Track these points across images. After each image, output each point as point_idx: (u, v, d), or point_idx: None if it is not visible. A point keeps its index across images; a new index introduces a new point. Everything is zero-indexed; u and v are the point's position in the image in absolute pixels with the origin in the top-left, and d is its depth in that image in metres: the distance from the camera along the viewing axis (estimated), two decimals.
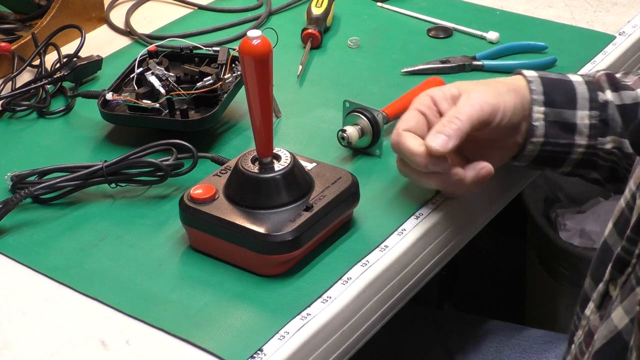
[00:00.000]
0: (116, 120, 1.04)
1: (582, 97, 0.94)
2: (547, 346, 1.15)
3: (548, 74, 0.96)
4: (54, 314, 0.84)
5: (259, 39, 0.82)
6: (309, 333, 0.80)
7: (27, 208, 0.96)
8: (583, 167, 0.96)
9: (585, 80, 0.95)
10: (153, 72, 1.05)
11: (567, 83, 0.95)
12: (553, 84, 0.94)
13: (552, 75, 0.96)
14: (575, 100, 0.94)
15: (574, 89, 0.94)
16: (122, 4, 1.36)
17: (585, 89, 0.94)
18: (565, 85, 0.95)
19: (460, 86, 0.94)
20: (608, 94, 0.95)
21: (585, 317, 0.82)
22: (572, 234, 1.70)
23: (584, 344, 0.81)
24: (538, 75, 0.95)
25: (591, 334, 0.80)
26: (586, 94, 0.94)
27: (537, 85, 0.94)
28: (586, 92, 0.94)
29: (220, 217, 0.86)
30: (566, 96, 0.94)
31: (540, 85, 0.94)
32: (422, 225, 0.92)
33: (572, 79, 0.96)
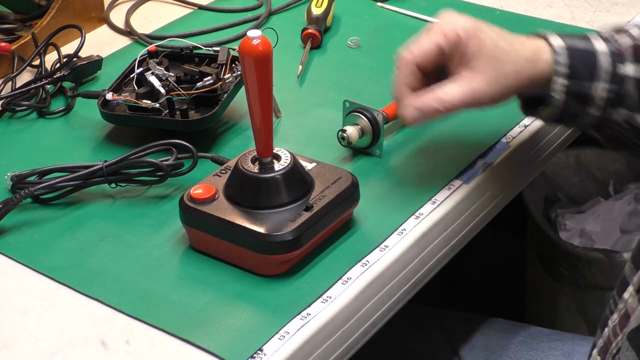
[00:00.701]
0: (116, 120, 1.04)
1: (604, 70, 0.91)
2: (555, 344, 1.15)
3: (574, 42, 0.92)
4: (54, 314, 0.84)
5: (259, 39, 0.82)
6: (309, 333, 0.80)
7: (27, 208, 0.96)
8: (587, 129, 0.95)
9: (610, 51, 0.91)
10: (153, 72, 1.06)
11: (591, 55, 0.91)
12: (579, 56, 0.91)
13: (578, 44, 0.91)
14: (596, 73, 0.91)
15: (598, 61, 0.91)
16: (122, 4, 1.36)
17: (608, 61, 0.91)
18: (590, 58, 0.91)
19: (476, 51, 0.89)
20: (629, 67, 0.91)
21: (623, 300, 0.82)
22: (572, 234, 1.70)
23: (619, 326, 0.81)
24: (565, 46, 0.91)
25: (628, 316, 0.80)
26: (609, 68, 0.91)
27: (564, 58, 0.90)
28: (609, 65, 0.91)
29: (220, 217, 0.86)
30: (589, 69, 0.90)
31: (567, 58, 0.90)
32: (422, 225, 0.92)
33: (597, 48, 0.91)
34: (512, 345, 1.15)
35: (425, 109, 0.90)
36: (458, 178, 0.98)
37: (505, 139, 1.03)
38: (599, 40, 0.92)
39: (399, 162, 1.00)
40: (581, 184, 1.81)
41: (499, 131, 1.04)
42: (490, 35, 0.90)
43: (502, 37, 0.91)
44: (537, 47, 0.91)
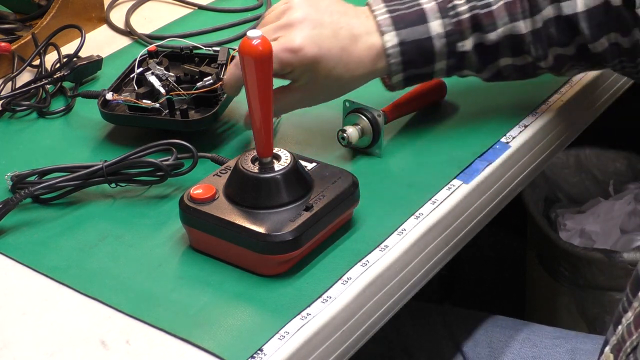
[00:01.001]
0: (116, 120, 1.04)
1: (439, 53, 0.97)
2: (558, 341, 1.14)
3: (409, 33, 0.96)
4: (54, 314, 0.84)
5: (259, 39, 0.82)
6: (309, 333, 0.80)
7: (27, 208, 0.96)
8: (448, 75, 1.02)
9: (446, 31, 0.97)
10: (153, 72, 1.05)
11: (426, 42, 0.97)
12: (413, 48, 0.96)
13: (412, 35, 0.96)
14: (433, 57, 0.98)
15: (432, 48, 0.97)
16: (122, 4, 1.36)
17: (443, 43, 0.97)
18: (424, 47, 0.97)
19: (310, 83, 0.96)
20: (468, 42, 0.98)
21: (638, 298, 0.82)
22: (572, 234, 1.70)
23: (634, 324, 0.81)
24: (399, 41, 0.96)
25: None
26: (444, 49, 0.97)
27: (395, 56, 0.96)
28: (444, 46, 0.97)
29: (220, 217, 0.86)
30: (425, 56, 0.97)
31: (399, 57, 0.96)
32: (422, 225, 0.92)
33: (433, 31, 0.97)
34: (515, 342, 1.15)
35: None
36: (458, 178, 0.98)
37: (505, 139, 1.03)
38: (436, 19, 0.97)
39: (399, 162, 1.00)
40: (581, 184, 1.81)
41: (499, 131, 1.04)
42: (327, 65, 0.95)
43: (340, 59, 0.95)
44: (375, 58, 0.96)
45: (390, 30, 0.96)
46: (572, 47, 0.99)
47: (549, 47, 0.98)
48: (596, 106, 1.17)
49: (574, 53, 0.99)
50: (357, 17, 0.97)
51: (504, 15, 0.97)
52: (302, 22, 0.94)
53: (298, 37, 0.93)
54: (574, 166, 1.81)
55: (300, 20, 0.94)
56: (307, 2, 0.96)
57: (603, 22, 0.97)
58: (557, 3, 0.97)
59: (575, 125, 1.14)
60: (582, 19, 0.97)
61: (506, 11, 0.97)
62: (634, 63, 1.00)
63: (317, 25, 0.94)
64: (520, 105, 1.08)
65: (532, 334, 1.16)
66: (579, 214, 1.74)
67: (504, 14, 0.97)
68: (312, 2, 0.96)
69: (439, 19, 0.97)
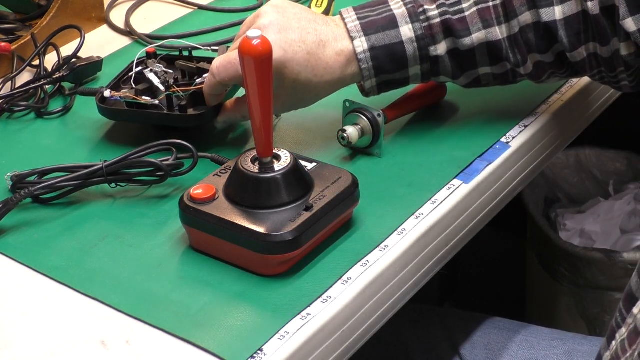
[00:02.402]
0: (114, 115, 1.04)
1: (412, 57, 0.97)
2: (555, 343, 1.14)
3: (379, 39, 0.96)
4: (54, 314, 0.84)
5: (259, 38, 0.82)
6: (309, 333, 0.80)
7: (27, 208, 0.96)
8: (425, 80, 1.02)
9: (417, 36, 0.97)
10: (152, 70, 1.05)
11: (397, 47, 0.97)
12: (384, 53, 0.96)
13: (384, 40, 0.96)
14: (406, 62, 0.98)
15: (404, 53, 0.97)
16: (122, 4, 1.36)
17: (414, 47, 0.97)
18: (395, 52, 0.97)
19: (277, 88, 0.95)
20: (440, 47, 0.98)
21: (632, 315, 0.82)
22: (572, 234, 1.70)
23: (628, 341, 0.81)
24: (369, 47, 0.96)
25: (637, 332, 0.80)
26: (416, 53, 0.97)
27: (367, 62, 0.97)
28: (416, 51, 0.97)
29: (220, 217, 0.86)
30: (396, 62, 0.97)
31: (370, 62, 0.97)
32: (422, 225, 0.92)
33: (404, 36, 0.97)
34: (513, 344, 1.15)
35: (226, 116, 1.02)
36: (458, 178, 0.98)
37: (505, 139, 1.03)
38: (407, 24, 0.97)
39: (399, 162, 1.00)
40: (581, 184, 1.81)
41: (499, 131, 1.04)
42: (292, 69, 0.94)
43: (307, 64, 0.95)
44: (344, 64, 0.96)
45: (360, 36, 0.96)
46: (550, 54, 0.98)
47: (528, 54, 0.98)
48: (596, 106, 1.17)
49: (552, 60, 0.99)
50: (327, 25, 0.97)
51: (477, 22, 0.97)
52: (268, 27, 0.94)
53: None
54: (574, 166, 1.81)
55: (266, 25, 0.94)
56: (276, 9, 0.96)
57: (581, 31, 0.96)
58: (535, 10, 0.96)
59: (575, 126, 1.14)
60: (560, 27, 0.96)
61: (479, 17, 0.97)
62: (613, 73, 0.99)
63: (283, 30, 0.94)
64: (520, 106, 1.08)
65: (530, 336, 1.16)
66: (579, 214, 1.74)
67: (477, 20, 0.97)
68: (280, 9, 0.96)
69: (409, 24, 0.97)
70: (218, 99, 1.00)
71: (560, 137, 1.10)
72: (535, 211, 1.66)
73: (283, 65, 0.94)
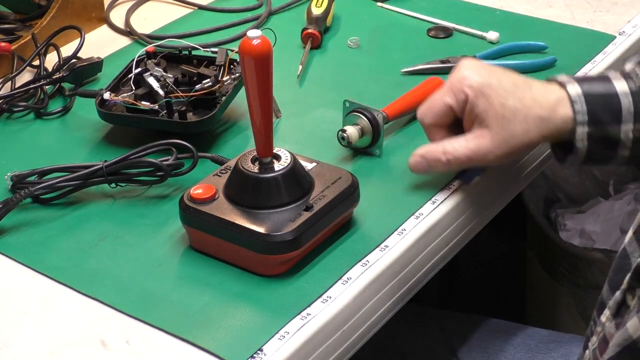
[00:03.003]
0: (114, 120, 1.04)
1: (627, 111, 0.91)
2: (553, 345, 1.14)
3: (592, 87, 0.91)
4: (54, 314, 0.84)
5: (259, 38, 0.82)
6: (309, 333, 0.80)
7: (27, 208, 0.96)
8: (626, 165, 0.95)
9: (632, 91, 0.91)
10: (151, 73, 1.05)
11: (613, 98, 0.91)
12: (598, 101, 0.91)
13: (597, 88, 0.91)
14: (620, 115, 0.91)
15: (620, 104, 0.91)
16: (122, 4, 1.36)
17: (630, 102, 0.91)
18: (611, 102, 0.91)
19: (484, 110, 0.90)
20: None
21: (601, 323, 0.82)
22: (572, 234, 1.70)
23: (599, 350, 0.81)
24: (582, 92, 0.91)
25: (606, 341, 0.80)
26: (631, 108, 0.91)
27: (581, 105, 0.90)
28: (631, 105, 0.91)
29: (220, 217, 0.86)
30: (611, 113, 0.91)
31: (584, 105, 0.90)
32: (422, 225, 0.92)
33: (618, 89, 0.91)
34: (510, 347, 1.15)
35: (429, 157, 0.93)
36: (458, 178, 0.97)
37: None
38: (620, 79, 0.92)
39: (399, 162, 1.00)
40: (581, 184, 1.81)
41: None
42: (498, 93, 0.90)
43: (513, 93, 0.91)
44: (553, 102, 0.91)
45: (572, 83, 0.92)
46: None
47: None
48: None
49: None
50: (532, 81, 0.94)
51: None
52: (469, 68, 0.93)
53: (464, 72, 0.92)
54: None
55: (467, 67, 0.93)
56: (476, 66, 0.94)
57: None
58: None
59: None
60: None
61: None
62: None
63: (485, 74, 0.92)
64: None
65: (528, 338, 1.16)
66: (579, 214, 1.74)
67: None
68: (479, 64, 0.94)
69: (622, 80, 0.92)
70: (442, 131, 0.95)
71: None
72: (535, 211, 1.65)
73: (488, 87, 0.90)
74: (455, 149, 0.92)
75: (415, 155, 0.94)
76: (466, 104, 0.91)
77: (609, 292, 0.83)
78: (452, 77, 0.93)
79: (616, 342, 0.77)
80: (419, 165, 0.94)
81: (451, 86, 0.92)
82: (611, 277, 0.84)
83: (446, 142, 0.93)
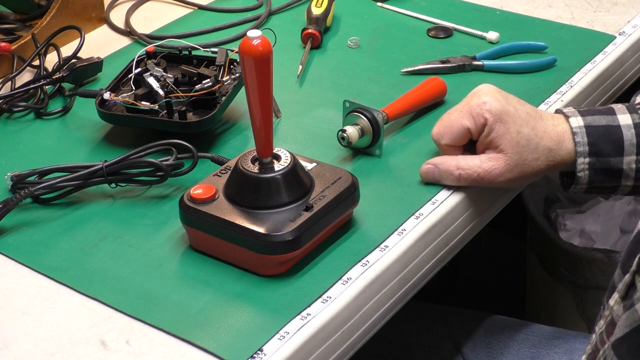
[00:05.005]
0: (114, 120, 1.04)
1: (629, 143, 0.95)
2: (556, 342, 1.15)
3: (595, 119, 0.95)
4: (54, 314, 0.84)
5: (259, 39, 0.82)
6: (309, 333, 0.80)
7: (27, 208, 0.96)
8: (633, 195, 0.98)
9: (635, 123, 0.95)
10: (151, 74, 1.05)
11: (615, 130, 0.95)
12: (599, 133, 0.94)
13: (599, 121, 0.95)
14: (622, 147, 0.95)
15: (622, 137, 0.95)
16: (122, 4, 1.36)
17: (632, 134, 0.95)
18: (613, 134, 0.95)
19: (501, 135, 0.94)
20: None
21: (609, 307, 0.82)
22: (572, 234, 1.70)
23: (605, 333, 0.81)
24: (584, 124, 0.95)
25: (613, 324, 0.80)
26: (634, 140, 0.95)
27: (581, 136, 0.94)
28: (634, 137, 0.95)
29: (220, 217, 0.86)
30: (613, 144, 0.95)
31: (585, 137, 0.94)
32: (422, 225, 0.92)
33: (621, 122, 0.95)
34: (514, 342, 1.15)
35: (442, 168, 0.96)
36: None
37: None
38: (624, 113, 0.96)
39: (399, 162, 1.00)
40: None
41: None
42: (515, 120, 0.94)
43: (527, 122, 0.95)
44: (560, 135, 0.95)
45: (575, 115, 0.96)
46: None
47: None
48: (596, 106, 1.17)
49: None
50: (542, 112, 0.97)
51: None
52: (488, 94, 0.96)
53: (483, 97, 0.95)
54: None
55: (486, 93, 0.96)
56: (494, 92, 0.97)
57: None
58: None
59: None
60: None
61: None
62: None
63: (502, 100, 0.95)
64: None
65: (531, 334, 1.16)
66: (579, 214, 1.73)
67: None
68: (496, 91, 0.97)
69: (627, 113, 0.96)
70: (457, 151, 0.98)
71: None
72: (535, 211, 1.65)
73: (506, 114, 0.94)
74: (469, 167, 0.95)
75: (429, 163, 0.97)
76: (484, 128, 0.94)
77: (620, 275, 0.83)
78: (471, 101, 0.96)
79: (624, 323, 0.78)
80: (430, 173, 0.97)
81: (470, 110, 0.95)
82: (623, 261, 0.84)
83: (461, 158, 0.96)
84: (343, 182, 0.90)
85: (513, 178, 0.95)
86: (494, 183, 0.95)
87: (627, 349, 0.77)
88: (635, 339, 0.76)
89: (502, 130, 0.94)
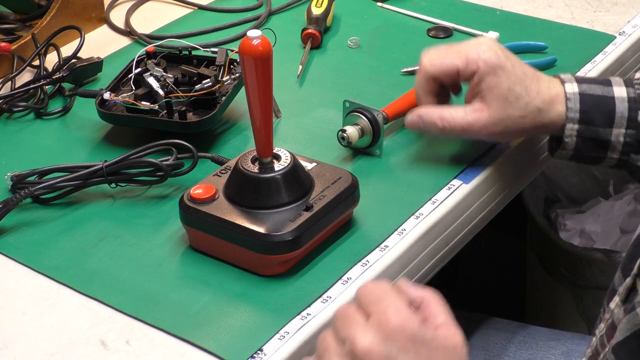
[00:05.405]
0: (114, 120, 1.04)
1: (620, 116, 0.94)
2: (554, 343, 1.15)
3: (590, 88, 0.95)
4: (54, 314, 0.84)
5: (259, 39, 0.82)
6: (309, 333, 0.80)
7: (27, 208, 0.96)
8: (617, 169, 0.98)
9: (629, 97, 0.94)
10: (151, 74, 1.05)
11: (608, 102, 0.94)
12: (593, 102, 0.94)
13: (594, 90, 0.95)
14: (613, 119, 0.94)
15: (614, 109, 0.94)
16: (122, 4, 1.36)
17: (625, 107, 0.94)
18: (606, 105, 0.94)
19: (489, 88, 0.94)
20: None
21: (610, 310, 0.82)
22: (572, 234, 1.70)
23: (606, 336, 0.81)
24: (579, 91, 0.94)
25: (614, 327, 0.80)
26: (625, 113, 0.94)
27: (574, 102, 0.94)
28: (626, 110, 0.94)
29: (220, 217, 0.86)
30: (604, 115, 0.94)
31: (577, 103, 0.94)
32: (422, 225, 0.92)
33: (616, 94, 0.95)
34: (511, 344, 1.15)
35: (425, 119, 0.97)
36: (458, 178, 0.98)
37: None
38: (620, 86, 0.95)
39: (399, 162, 1.01)
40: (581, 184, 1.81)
41: None
42: (509, 77, 0.94)
43: (522, 81, 0.94)
44: (553, 97, 0.95)
45: (572, 82, 0.95)
46: None
47: None
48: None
49: None
50: (540, 74, 0.97)
51: None
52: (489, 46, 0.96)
53: (483, 47, 0.95)
54: (574, 166, 1.81)
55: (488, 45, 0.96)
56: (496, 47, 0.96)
57: None
58: None
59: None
60: None
61: None
62: None
63: (502, 56, 0.95)
64: None
65: (528, 336, 1.16)
66: (579, 214, 1.74)
67: None
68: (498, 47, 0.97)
69: (622, 87, 0.95)
70: (430, 100, 0.98)
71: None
72: (535, 211, 1.65)
73: (501, 68, 0.94)
74: (453, 118, 0.95)
75: (414, 113, 0.97)
76: (473, 75, 0.94)
77: (621, 279, 0.83)
78: (470, 46, 0.96)
79: (624, 327, 0.77)
80: (414, 123, 0.97)
81: (467, 54, 0.95)
82: (624, 264, 0.84)
83: (445, 109, 0.96)
84: (343, 182, 0.90)
85: (497, 132, 0.95)
86: (478, 136, 0.96)
87: (628, 352, 0.77)
88: (636, 342, 0.76)
89: (493, 83, 0.94)
